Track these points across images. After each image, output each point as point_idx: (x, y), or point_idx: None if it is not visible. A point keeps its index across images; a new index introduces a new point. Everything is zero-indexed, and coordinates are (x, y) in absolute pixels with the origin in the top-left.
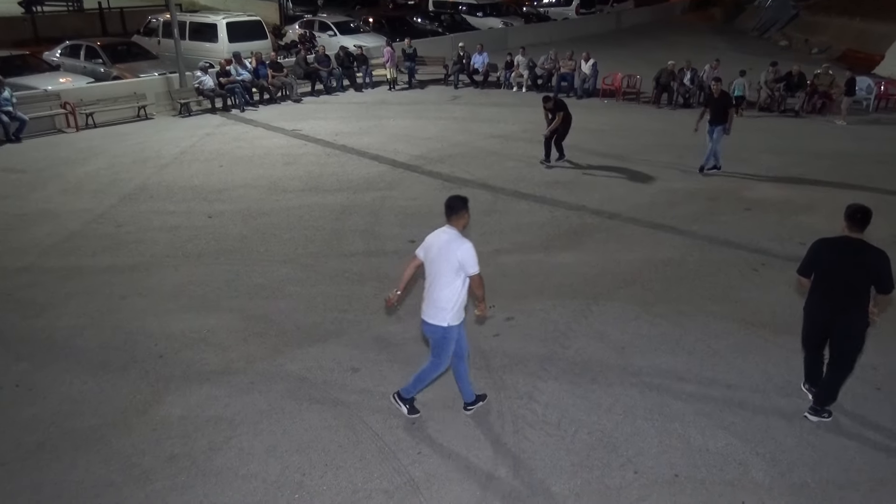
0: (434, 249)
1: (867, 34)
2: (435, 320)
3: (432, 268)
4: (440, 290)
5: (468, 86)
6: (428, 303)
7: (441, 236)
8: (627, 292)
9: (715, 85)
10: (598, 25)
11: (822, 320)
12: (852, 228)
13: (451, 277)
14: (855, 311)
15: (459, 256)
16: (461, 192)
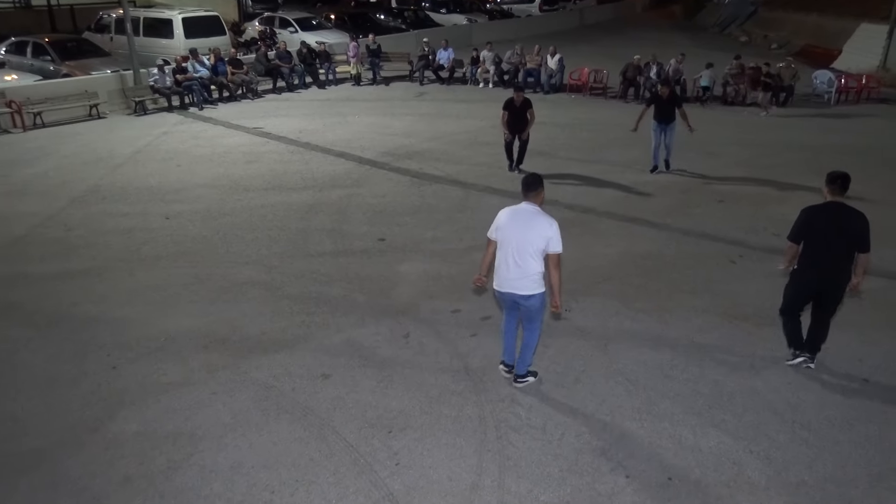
0: (519, 223)
1: (824, 29)
2: (531, 290)
3: (519, 244)
4: (532, 261)
5: (434, 82)
6: (519, 276)
7: (525, 210)
8: (606, 287)
9: (662, 89)
10: (562, 22)
11: (814, 284)
12: (834, 193)
13: (539, 251)
14: (843, 272)
15: (550, 233)
16: (430, 189)
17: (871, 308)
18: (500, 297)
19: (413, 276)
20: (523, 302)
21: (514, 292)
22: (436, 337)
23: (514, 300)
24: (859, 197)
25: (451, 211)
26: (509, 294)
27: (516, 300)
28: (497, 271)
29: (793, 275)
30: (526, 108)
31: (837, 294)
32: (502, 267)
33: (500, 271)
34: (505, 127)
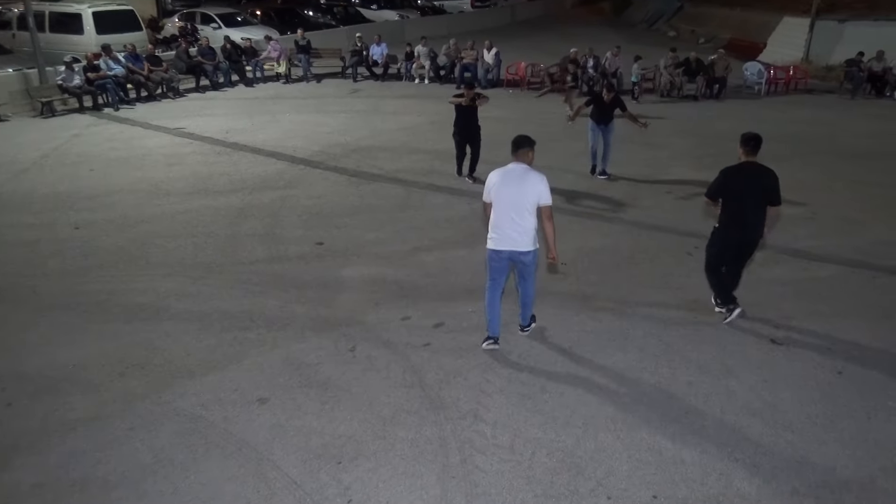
0: (513, 182)
1: (749, 23)
2: (529, 246)
3: (515, 200)
4: (528, 217)
5: (368, 78)
6: (519, 232)
7: (516, 169)
8: (564, 286)
9: (606, 93)
10: (494, 19)
11: (736, 239)
12: (748, 154)
13: (534, 206)
14: (760, 226)
15: (541, 187)
16: (370, 188)
17: (830, 296)
18: (496, 258)
19: (356, 283)
20: (522, 258)
21: (515, 249)
22: (385, 349)
23: (512, 258)
24: (801, 182)
25: (393, 211)
26: (508, 252)
27: (514, 258)
28: (495, 231)
29: (715, 233)
30: (475, 105)
31: (754, 248)
32: (501, 226)
33: (498, 230)
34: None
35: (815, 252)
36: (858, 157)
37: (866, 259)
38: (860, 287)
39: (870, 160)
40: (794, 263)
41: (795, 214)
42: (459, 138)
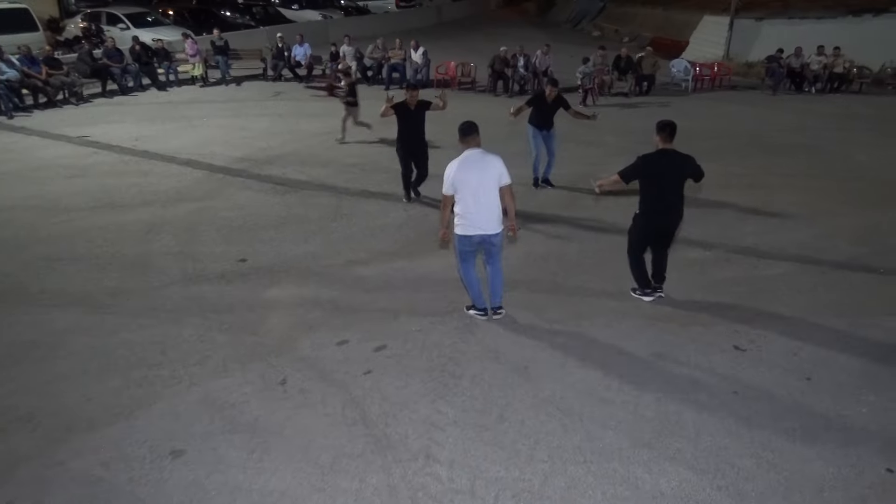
0: (475, 167)
1: (671, 22)
2: (497, 228)
3: (479, 185)
4: (494, 200)
5: (291, 80)
6: (488, 216)
7: (472, 154)
8: (514, 297)
9: (550, 89)
10: (419, 19)
11: (659, 223)
12: (665, 140)
13: (496, 187)
14: (681, 208)
15: (501, 167)
16: (297, 196)
17: (785, 295)
18: (467, 242)
19: (285, 304)
20: (492, 240)
21: (485, 233)
22: (321, 380)
23: (483, 241)
24: (738, 177)
25: (323, 220)
26: (479, 236)
27: (485, 240)
28: (464, 219)
29: (637, 219)
30: (424, 111)
31: (676, 230)
32: (470, 212)
33: (467, 217)
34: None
35: (762, 249)
36: (787, 152)
37: (812, 254)
38: (811, 284)
39: (797, 154)
40: (744, 262)
41: (738, 211)
42: (404, 153)
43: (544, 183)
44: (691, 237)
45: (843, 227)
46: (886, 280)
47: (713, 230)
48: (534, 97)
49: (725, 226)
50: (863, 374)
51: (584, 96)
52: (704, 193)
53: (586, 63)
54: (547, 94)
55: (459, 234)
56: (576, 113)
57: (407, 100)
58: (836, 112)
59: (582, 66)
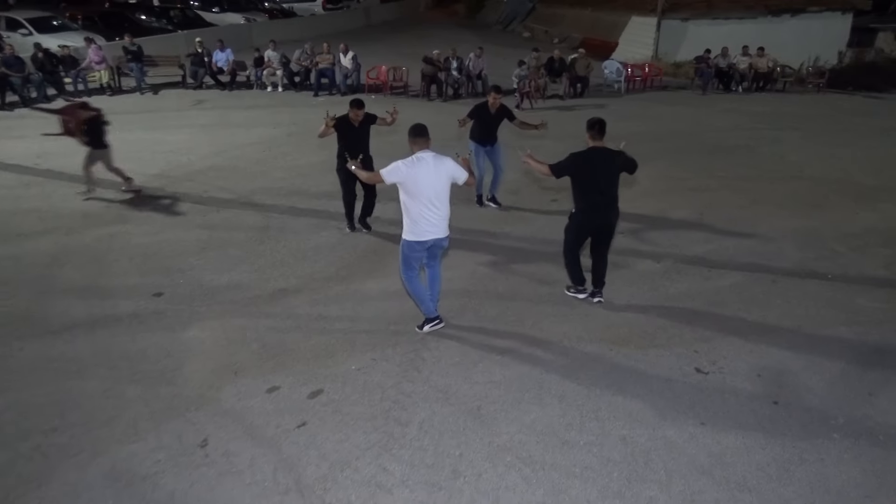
0: (430, 172)
1: (599, 23)
2: (448, 230)
3: (435, 193)
4: (447, 203)
5: (213, 88)
6: (442, 221)
7: (425, 157)
8: (460, 323)
9: (493, 97)
10: (348, 21)
11: (596, 221)
12: (595, 138)
13: (449, 191)
14: (617, 205)
15: (453, 169)
16: (220, 217)
17: (740, 307)
18: (418, 248)
19: (207, 345)
20: (442, 243)
21: (438, 237)
22: (248, 437)
23: (435, 244)
24: (679, 181)
25: (249, 244)
26: (433, 241)
27: (437, 243)
28: (418, 225)
29: (574, 217)
30: (369, 126)
31: (613, 229)
32: (425, 219)
33: (421, 224)
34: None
35: (712, 258)
36: (722, 152)
37: (761, 261)
38: (765, 294)
39: (733, 155)
40: (694, 272)
41: (683, 217)
42: (346, 175)
43: (490, 201)
44: (640, 248)
45: (787, 231)
46: (836, 287)
47: (661, 239)
48: (475, 108)
49: (672, 234)
50: (828, 393)
51: (521, 100)
52: (648, 199)
53: (521, 66)
54: (490, 102)
55: (411, 240)
56: (522, 123)
57: (350, 117)
58: (764, 111)
59: (517, 69)
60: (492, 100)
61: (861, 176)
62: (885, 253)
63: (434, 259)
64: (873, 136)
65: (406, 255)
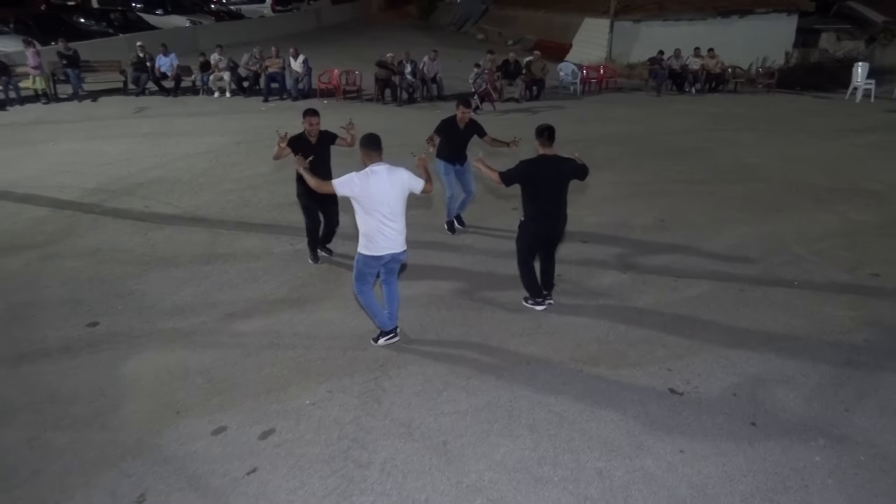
0: (384, 185)
1: (553, 24)
2: (405, 244)
3: (392, 209)
4: (403, 217)
5: (156, 94)
6: (396, 233)
7: (379, 170)
8: (421, 347)
9: (462, 111)
10: (298, 23)
11: (546, 229)
12: (545, 145)
13: (406, 201)
14: (565, 212)
15: (408, 178)
16: (163, 233)
17: (710, 320)
18: (374, 263)
19: (147, 381)
20: (400, 257)
21: (394, 251)
22: (192, 489)
23: (392, 259)
24: (638, 185)
25: (195, 263)
26: (389, 255)
27: (394, 258)
28: (373, 240)
29: (524, 226)
30: (329, 144)
31: (562, 237)
32: (380, 232)
33: (377, 238)
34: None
35: (678, 266)
36: (680, 154)
37: (726, 269)
38: (733, 304)
39: (690, 157)
40: (661, 283)
41: (646, 224)
42: (308, 199)
43: (456, 220)
44: (605, 258)
45: (749, 236)
46: (802, 294)
47: (625, 248)
48: (442, 123)
49: (636, 241)
50: (805, 411)
51: (480, 101)
52: (610, 205)
53: (479, 68)
54: (458, 117)
55: (366, 255)
56: (493, 140)
57: (306, 129)
58: (717, 112)
59: (474, 72)
60: (460, 114)
61: (817, 177)
62: (846, 257)
63: (391, 275)
64: (825, 136)
65: (360, 270)
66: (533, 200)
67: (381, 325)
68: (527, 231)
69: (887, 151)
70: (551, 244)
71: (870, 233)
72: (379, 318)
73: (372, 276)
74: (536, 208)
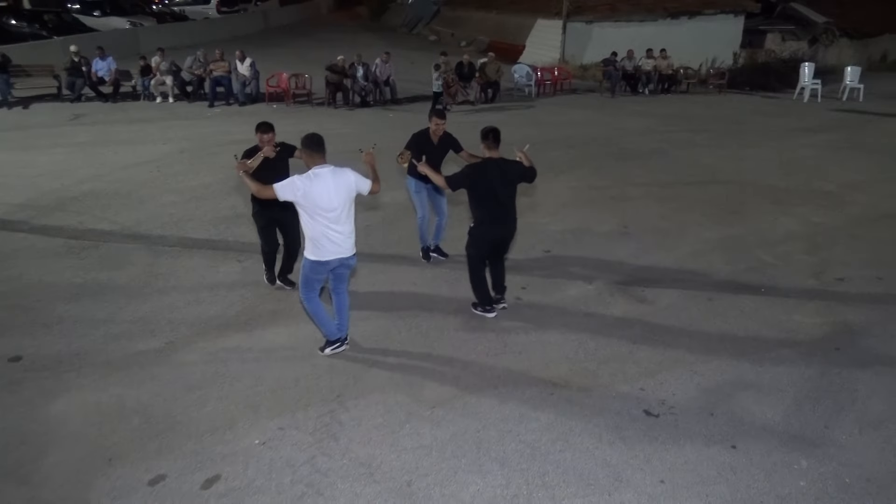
0: (328, 187)
1: (505, 26)
2: (354, 248)
3: (338, 212)
4: (350, 220)
5: (94, 100)
6: (346, 240)
7: (322, 172)
8: (380, 375)
9: (437, 123)
10: (245, 25)
11: (496, 234)
12: (491, 148)
13: (353, 205)
14: (515, 215)
15: (354, 179)
16: (98, 254)
17: (680, 332)
18: (321, 269)
19: (75, 423)
20: (349, 262)
21: (343, 256)
22: None
23: (340, 264)
24: (599, 191)
25: (132, 287)
26: (337, 260)
27: (343, 263)
28: (319, 245)
29: (474, 232)
30: (287, 157)
31: (511, 241)
32: (326, 237)
33: (323, 243)
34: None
35: (644, 276)
36: (638, 157)
37: (693, 277)
38: (702, 314)
39: (648, 159)
40: (629, 294)
41: (609, 231)
42: (265, 220)
43: (435, 252)
44: (569, 268)
45: (713, 241)
46: (770, 302)
47: (589, 257)
48: (414, 137)
49: (600, 250)
50: (785, 430)
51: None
52: (571, 211)
53: (440, 69)
54: (432, 129)
55: (313, 260)
56: (470, 156)
57: (259, 145)
58: (672, 113)
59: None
60: (434, 126)
61: (773, 178)
62: (810, 261)
63: (341, 283)
64: (777, 136)
65: (308, 276)
66: (481, 205)
67: (328, 333)
68: (477, 237)
69: (837, 151)
70: (501, 249)
71: (829, 235)
72: (326, 327)
73: (319, 283)
74: (485, 213)
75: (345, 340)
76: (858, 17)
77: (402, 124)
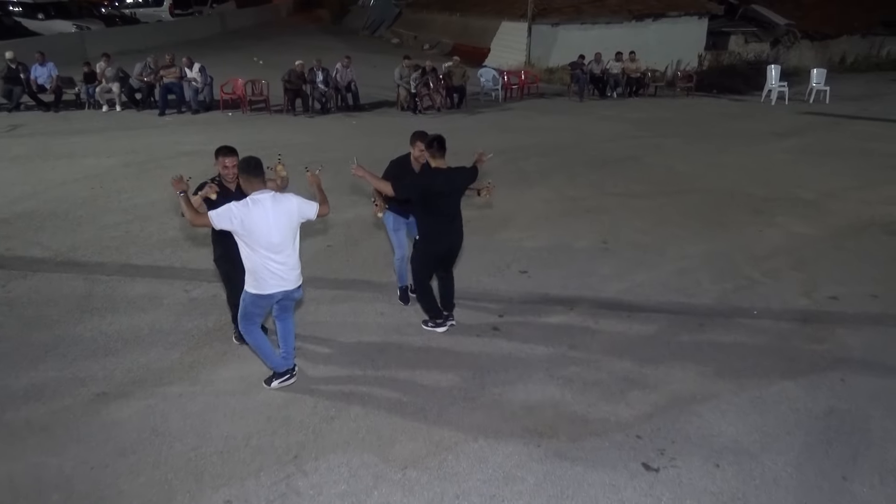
0: (267, 216)
1: (469, 28)
2: (300, 280)
3: (273, 238)
4: (295, 251)
5: (34, 109)
6: (290, 271)
7: (262, 199)
8: (343, 429)
9: (418, 149)
10: (200, 28)
11: (444, 246)
12: (436, 157)
13: (297, 234)
14: (461, 226)
15: (296, 204)
16: (27, 285)
17: (673, 362)
18: (263, 303)
19: None
20: (294, 295)
21: (287, 289)
22: None
23: (285, 297)
24: (574, 201)
25: (64, 323)
26: (281, 293)
27: (287, 296)
28: (259, 277)
29: (420, 244)
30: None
31: (458, 252)
32: (267, 269)
33: (264, 276)
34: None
35: (628, 298)
36: (611, 165)
37: (681, 298)
38: (695, 344)
39: (622, 167)
40: (613, 319)
41: (588, 247)
42: (230, 267)
43: (413, 293)
44: (548, 291)
45: (697, 257)
46: (764, 326)
47: (569, 278)
48: (392, 166)
49: (580, 270)
50: (799, 484)
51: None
52: (546, 225)
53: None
54: (414, 156)
55: (254, 294)
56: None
57: (221, 173)
58: (641, 117)
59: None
60: (416, 152)
61: (750, 186)
62: (800, 278)
63: (286, 311)
64: (749, 140)
65: (247, 309)
66: (428, 216)
67: (274, 366)
68: (423, 250)
69: (811, 156)
70: (448, 262)
71: (815, 247)
72: (271, 360)
73: (261, 317)
74: (432, 225)
75: (293, 370)
76: (817, 19)
77: (366, 131)
